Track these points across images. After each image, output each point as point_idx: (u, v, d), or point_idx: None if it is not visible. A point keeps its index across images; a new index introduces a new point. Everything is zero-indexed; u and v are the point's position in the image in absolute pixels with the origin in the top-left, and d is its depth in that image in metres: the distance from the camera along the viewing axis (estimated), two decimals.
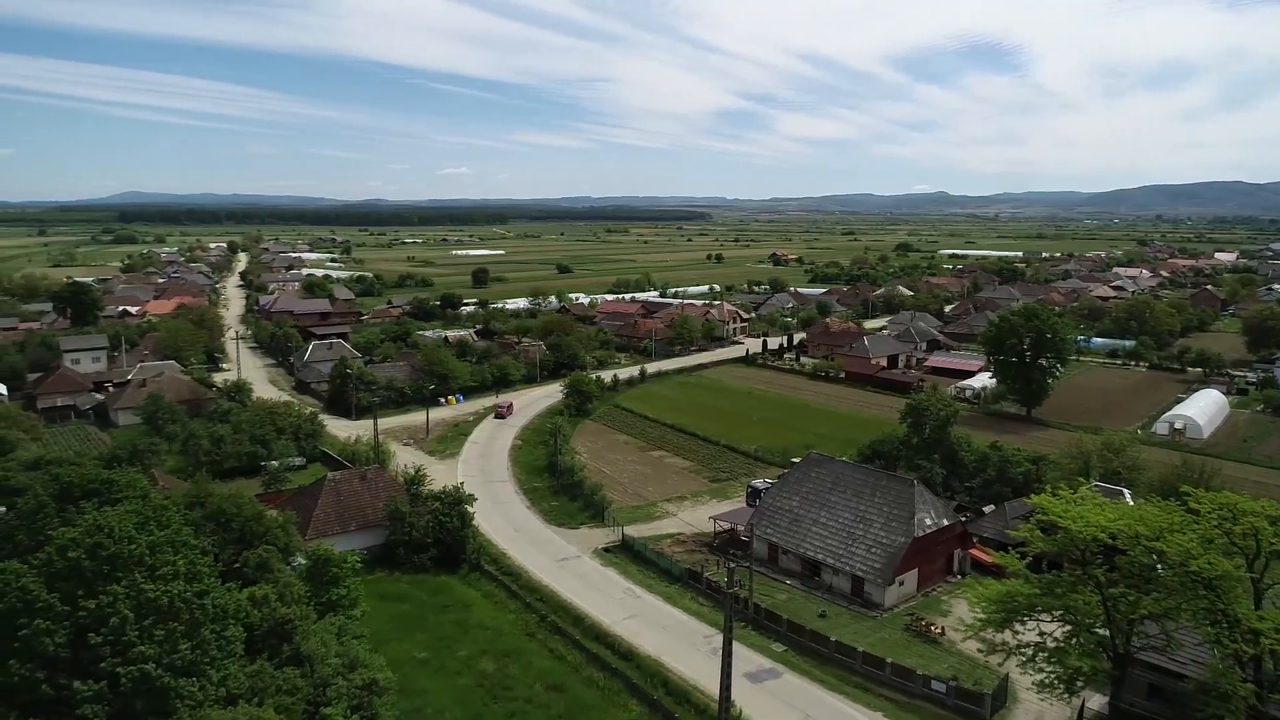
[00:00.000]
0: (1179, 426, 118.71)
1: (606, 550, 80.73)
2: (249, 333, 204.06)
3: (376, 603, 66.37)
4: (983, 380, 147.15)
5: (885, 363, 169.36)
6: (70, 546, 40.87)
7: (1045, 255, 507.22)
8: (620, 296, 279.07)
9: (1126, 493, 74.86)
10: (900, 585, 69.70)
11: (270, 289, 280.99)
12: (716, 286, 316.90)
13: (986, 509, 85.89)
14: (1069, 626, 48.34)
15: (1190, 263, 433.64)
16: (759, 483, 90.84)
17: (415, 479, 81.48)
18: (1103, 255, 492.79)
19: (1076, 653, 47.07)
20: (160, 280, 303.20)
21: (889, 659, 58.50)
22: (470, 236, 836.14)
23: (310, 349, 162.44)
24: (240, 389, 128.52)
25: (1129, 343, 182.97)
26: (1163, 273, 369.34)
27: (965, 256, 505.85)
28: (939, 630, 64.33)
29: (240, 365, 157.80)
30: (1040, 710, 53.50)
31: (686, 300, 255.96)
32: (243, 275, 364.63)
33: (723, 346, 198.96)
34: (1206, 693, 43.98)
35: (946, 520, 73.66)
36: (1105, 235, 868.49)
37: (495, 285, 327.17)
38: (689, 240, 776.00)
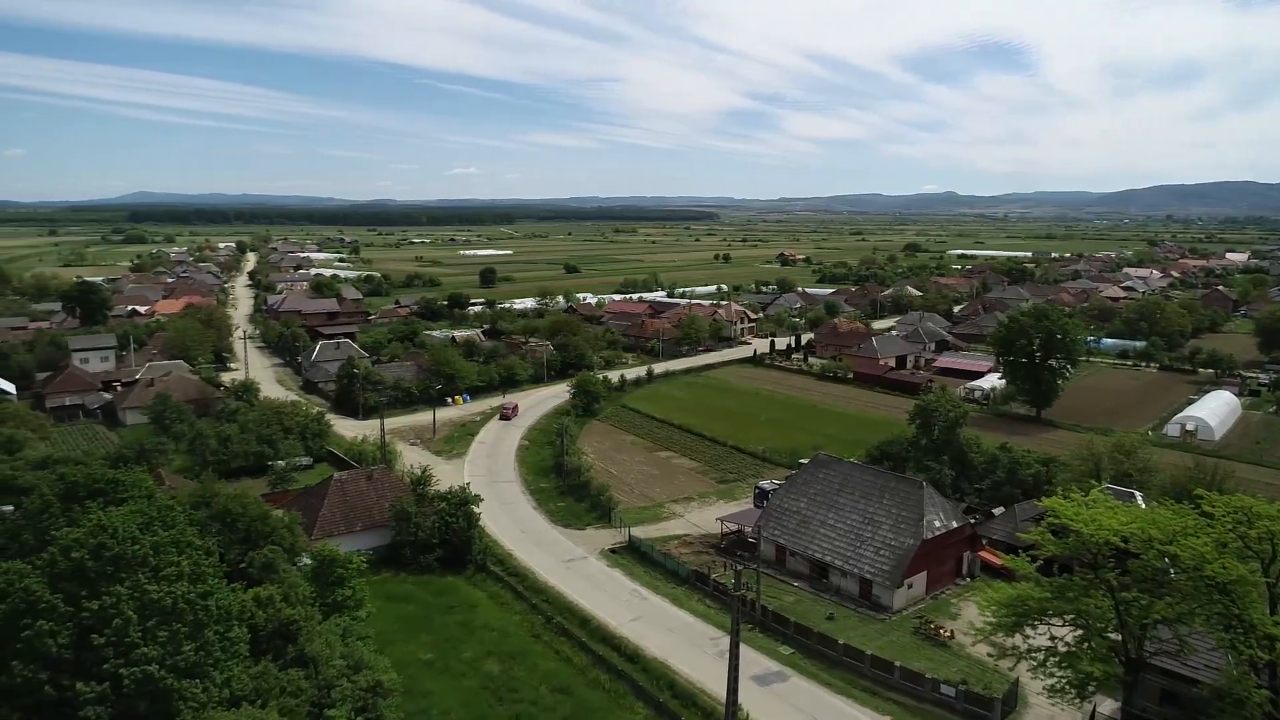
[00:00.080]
0: (1190, 428, 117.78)
1: (613, 551, 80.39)
2: (257, 332, 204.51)
3: (382, 603, 66.16)
4: (992, 381, 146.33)
5: (893, 363, 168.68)
6: (74, 547, 40.69)
7: (1054, 255, 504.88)
8: (628, 296, 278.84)
9: (1138, 495, 74.14)
10: (909, 588, 69.18)
11: (278, 289, 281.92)
12: (724, 286, 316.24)
13: (996, 511, 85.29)
14: (1080, 631, 47.76)
15: (1201, 263, 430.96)
16: (766, 484, 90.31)
17: (421, 479, 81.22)
18: (1112, 255, 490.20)
19: (1088, 658, 46.48)
20: (169, 280, 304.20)
21: (898, 662, 58.00)
22: (478, 236, 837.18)
23: (318, 349, 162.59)
24: (248, 388, 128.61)
25: (1139, 343, 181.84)
26: (1173, 273, 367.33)
27: (974, 257, 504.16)
28: (948, 633, 63.77)
29: (248, 365, 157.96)
30: (1051, 715, 52.95)
31: (694, 300, 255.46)
32: (251, 275, 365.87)
33: (730, 347, 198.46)
34: (1221, 699, 43.38)
35: (956, 522, 73.09)
36: (1115, 235, 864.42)
37: (503, 285, 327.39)
38: (697, 240, 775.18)
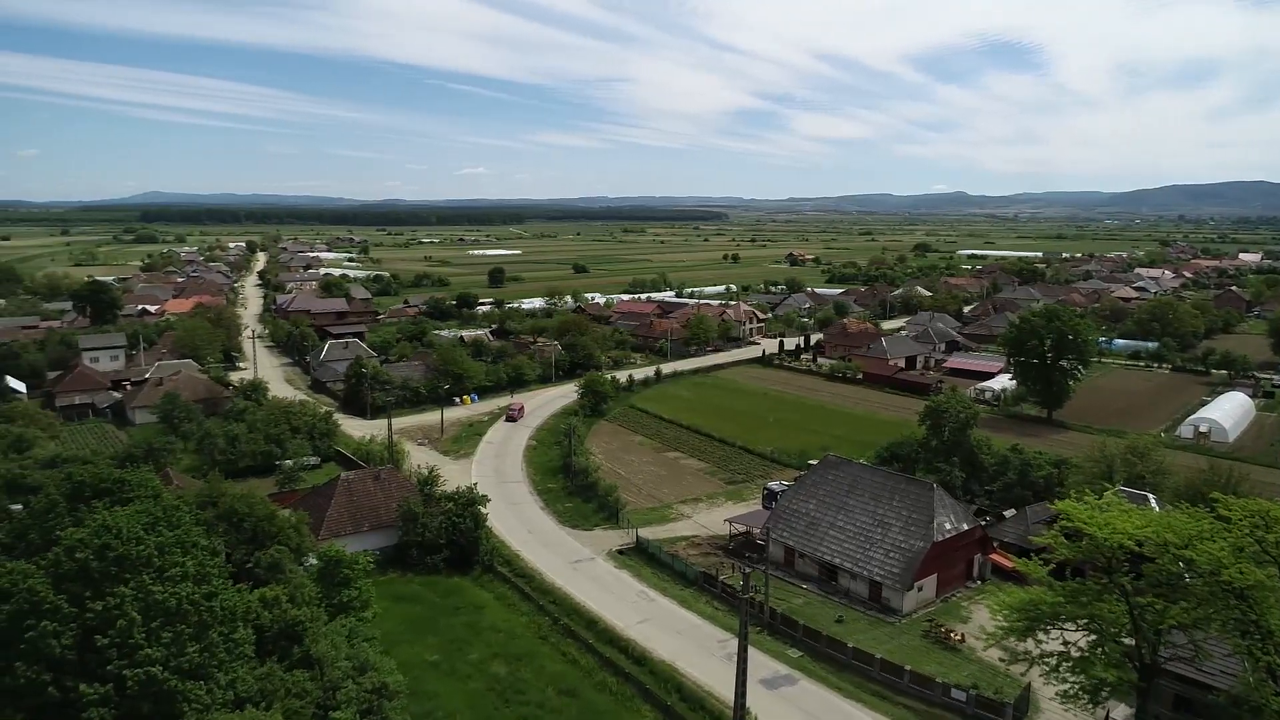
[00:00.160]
0: (1204, 430, 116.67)
1: (620, 552, 79.95)
2: (266, 332, 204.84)
3: (389, 604, 65.92)
4: (1002, 382, 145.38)
5: (903, 364, 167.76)
6: (78, 547, 40.51)
7: (1065, 256, 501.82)
8: (636, 296, 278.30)
9: (1152, 498, 73.27)
10: (919, 590, 68.54)
11: (288, 288, 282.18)
12: (733, 286, 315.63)
13: (1007, 513, 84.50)
14: (1094, 636, 47.08)
15: (1214, 263, 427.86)
16: (775, 485, 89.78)
17: (428, 479, 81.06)
18: (1124, 256, 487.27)
19: (1101, 663, 45.81)
20: (180, 279, 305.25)
21: (908, 666, 57.41)
22: (487, 236, 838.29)
23: (326, 348, 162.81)
24: (256, 388, 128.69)
25: (1151, 344, 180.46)
26: (1186, 273, 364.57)
27: (984, 257, 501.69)
28: (959, 637, 63.13)
29: (257, 364, 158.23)
30: None
31: (702, 300, 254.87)
32: (261, 274, 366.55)
33: (739, 347, 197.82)
34: (1237, 705, 42.67)
35: (966, 524, 72.40)
36: (1126, 235, 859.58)
37: (511, 285, 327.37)
38: (705, 240, 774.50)
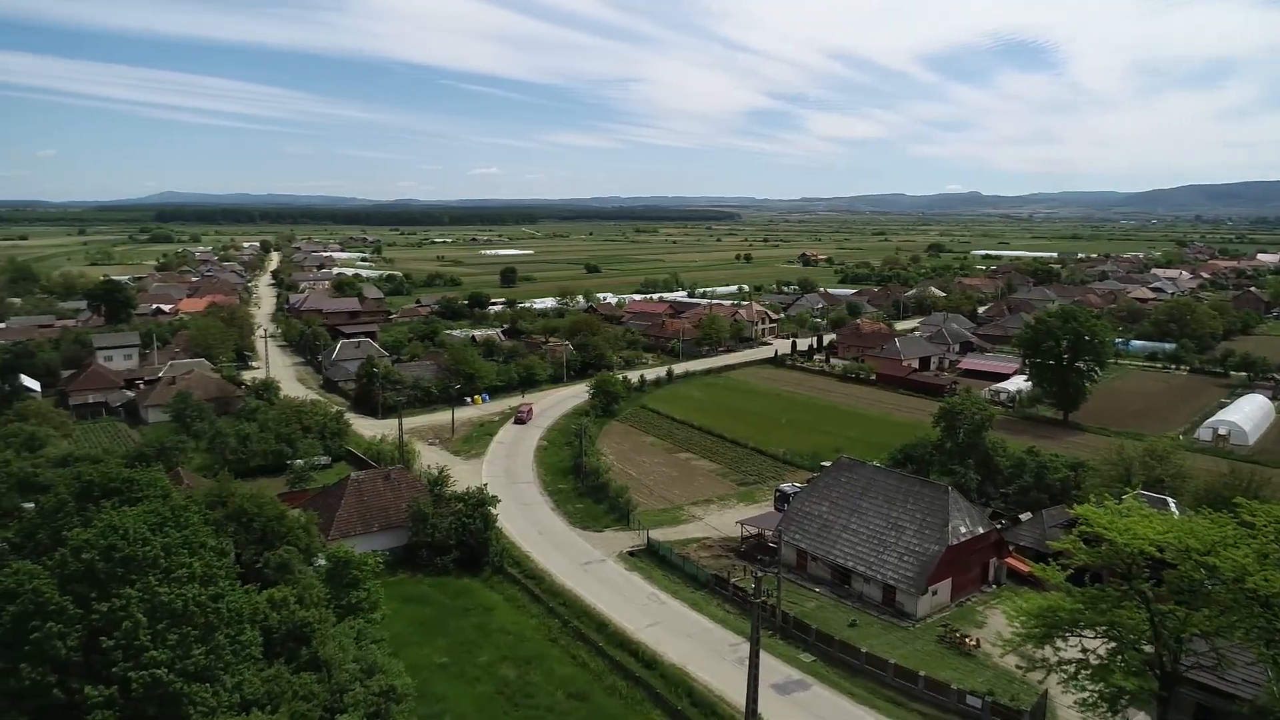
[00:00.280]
0: (1223, 432, 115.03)
1: (631, 554, 79.36)
2: (279, 331, 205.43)
3: (398, 605, 65.55)
4: (1018, 383, 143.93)
5: (917, 365, 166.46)
6: (84, 548, 40.23)
7: (1081, 256, 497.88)
8: (648, 296, 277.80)
9: (1171, 502, 72.11)
10: (933, 595, 67.64)
11: (301, 288, 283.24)
12: (745, 287, 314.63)
13: (1023, 516, 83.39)
14: (1113, 643, 46.13)
15: (1232, 264, 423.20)
16: (787, 487, 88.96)
17: (439, 479, 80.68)
18: (1140, 256, 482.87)
19: (1121, 671, 44.84)
20: (194, 279, 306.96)
21: (922, 672, 56.57)
22: (499, 236, 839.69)
23: (338, 347, 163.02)
24: (268, 387, 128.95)
25: (1169, 346, 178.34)
26: (1203, 274, 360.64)
27: (999, 257, 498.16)
28: (974, 642, 62.21)
29: (269, 363, 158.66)
30: None
31: (715, 300, 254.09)
32: (274, 274, 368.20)
33: (751, 347, 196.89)
34: (1261, 715, 41.70)
35: (982, 528, 71.47)
36: (1143, 236, 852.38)
37: (523, 285, 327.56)
38: (718, 240, 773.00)
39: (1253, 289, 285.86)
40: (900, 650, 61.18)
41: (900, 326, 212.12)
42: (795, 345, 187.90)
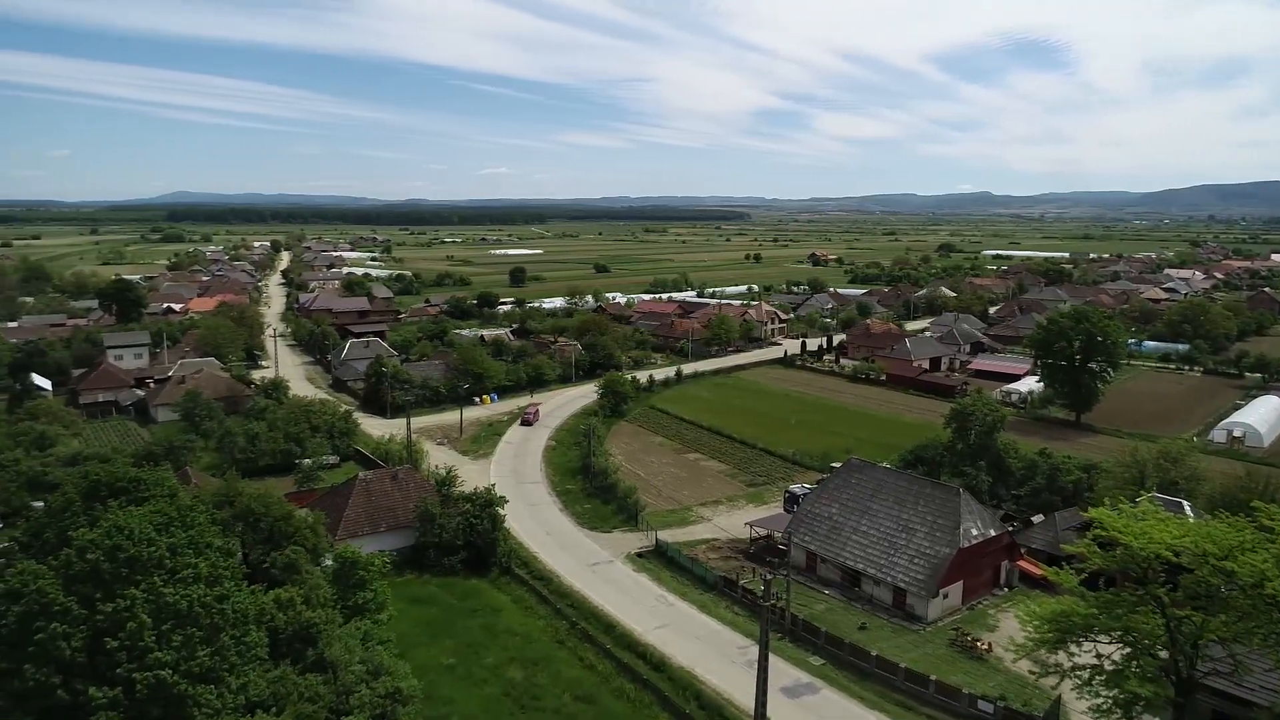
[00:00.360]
0: (1238, 434, 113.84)
1: (639, 555, 78.94)
2: (288, 330, 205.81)
3: (405, 605, 65.31)
4: (1029, 384, 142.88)
5: (927, 365, 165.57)
6: (89, 548, 40.02)
7: (1093, 256, 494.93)
8: (657, 296, 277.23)
9: (1186, 505, 71.19)
10: (944, 598, 66.98)
11: (311, 287, 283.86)
12: (754, 287, 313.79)
13: (1035, 519, 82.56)
14: (1128, 649, 45.42)
15: (1245, 264, 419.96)
16: (797, 488, 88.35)
17: (446, 479, 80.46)
18: (1153, 256, 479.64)
19: (1136, 677, 44.13)
20: (205, 278, 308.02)
21: (933, 676, 55.94)
22: (509, 236, 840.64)
23: (347, 347, 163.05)
24: (277, 386, 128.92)
25: (1182, 347, 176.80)
26: (1216, 274, 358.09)
27: (1010, 257, 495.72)
28: (986, 646, 61.52)
29: (278, 363, 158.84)
30: None
31: (724, 300, 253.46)
32: (285, 273, 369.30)
33: (760, 347, 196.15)
34: None
35: (993, 530, 70.75)
36: (1155, 236, 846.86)
37: (532, 284, 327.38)
38: (727, 240, 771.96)
39: (1267, 289, 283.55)
40: (911, 654, 60.57)
41: (910, 327, 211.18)
42: (805, 345, 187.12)
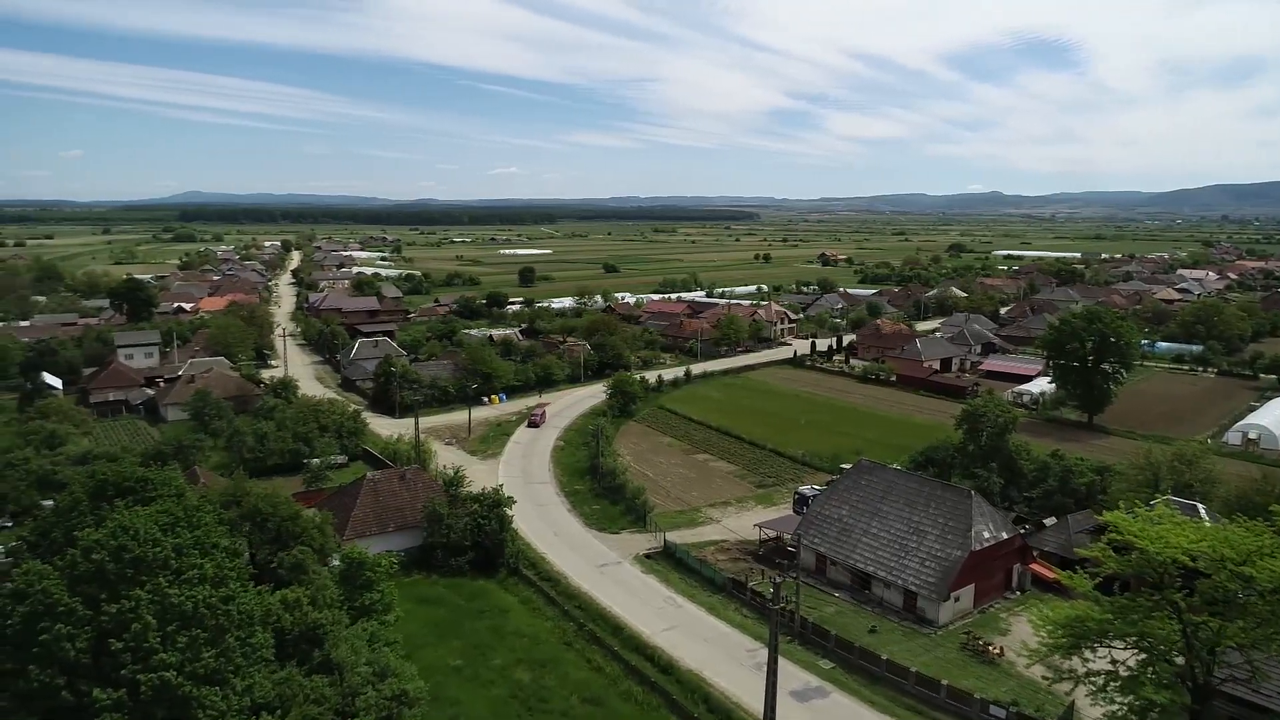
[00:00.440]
0: (1253, 436, 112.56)
1: (648, 556, 78.53)
2: (298, 330, 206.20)
3: (412, 606, 65.01)
4: (1041, 385, 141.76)
5: (938, 366, 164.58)
6: (94, 548, 39.83)
7: (1105, 256, 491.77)
8: (666, 296, 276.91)
9: (1201, 508, 70.30)
10: (956, 601, 66.32)
11: (320, 287, 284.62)
12: (764, 287, 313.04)
13: (1047, 521, 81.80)
14: (1144, 655, 44.72)
15: (1259, 264, 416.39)
16: (807, 489, 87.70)
17: (454, 480, 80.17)
18: (1166, 257, 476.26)
19: (1152, 683, 43.44)
20: (215, 278, 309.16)
21: (944, 680, 55.32)
22: (518, 236, 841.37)
23: (356, 346, 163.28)
24: (286, 386, 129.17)
25: (1196, 347, 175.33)
26: (1230, 275, 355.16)
27: (1021, 257, 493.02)
28: (997, 650, 60.84)
29: (288, 362, 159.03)
30: None
31: (733, 300, 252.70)
32: (295, 273, 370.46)
33: (770, 348, 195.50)
34: None
35: (1005, 533, 70.02)
36: (1168, 236, 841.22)
37: (542, 284, 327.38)
38: (736, 240, 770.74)
39: None
40: (921, 658, 59.96)
41: (921, 327, 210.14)
42: (814, 346, 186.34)
